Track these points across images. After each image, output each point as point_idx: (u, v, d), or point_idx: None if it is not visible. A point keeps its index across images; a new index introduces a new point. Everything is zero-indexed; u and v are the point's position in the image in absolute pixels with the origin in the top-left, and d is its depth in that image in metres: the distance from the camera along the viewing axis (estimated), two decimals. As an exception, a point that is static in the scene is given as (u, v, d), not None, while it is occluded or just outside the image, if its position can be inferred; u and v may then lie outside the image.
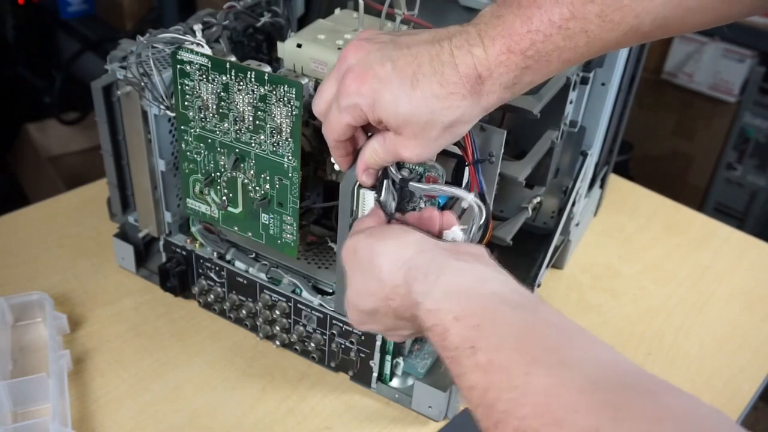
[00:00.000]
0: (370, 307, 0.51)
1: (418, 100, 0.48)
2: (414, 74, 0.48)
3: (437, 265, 0.46)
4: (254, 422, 0.70)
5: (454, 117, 0.49)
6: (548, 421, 0.35)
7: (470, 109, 0.49)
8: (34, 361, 0.73)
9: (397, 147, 0.51)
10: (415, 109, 0.48)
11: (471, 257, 0.47)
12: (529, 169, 0.71)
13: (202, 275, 0.77)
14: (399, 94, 0.48)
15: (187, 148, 0.68)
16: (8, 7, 1.87)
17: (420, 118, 0.49)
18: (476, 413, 0.39)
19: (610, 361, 0.39)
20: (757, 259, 0.97)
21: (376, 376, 0.71)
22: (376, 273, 0.49)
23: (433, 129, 0.49)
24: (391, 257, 0.49)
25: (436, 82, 0.48)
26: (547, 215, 0.85)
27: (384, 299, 0.49)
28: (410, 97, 0.48)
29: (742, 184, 1.84)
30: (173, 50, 0.63)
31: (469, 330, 0.41)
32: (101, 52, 1.79)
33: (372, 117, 0.50)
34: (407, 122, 0.49)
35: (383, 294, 0.49)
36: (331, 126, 0.53)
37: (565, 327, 0.41)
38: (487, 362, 0.39)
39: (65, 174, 1.75)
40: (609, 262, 0.94)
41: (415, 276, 0.46)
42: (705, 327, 0.85)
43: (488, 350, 0.39)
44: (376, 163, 0.54)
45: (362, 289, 0.51)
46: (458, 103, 0.48)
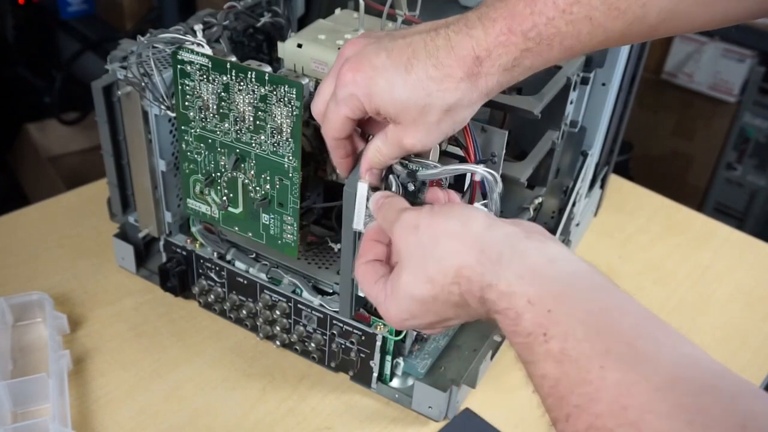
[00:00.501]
0: (426, 295, 0.47)
1: (413, 83, 0.48)
2: (408, 60, 0.48)
3: (509, 245, 0.44)
4: (254, 422, 0.70)
5: (452, 100, 0.48)
6: (623, 421, 0.33)
7: (468, 92, 0.48)
8: (34, 361, 0.73)
9: (399, 137, 0.50)
10: (410, 93, 0.48)
11: (539, 235, 0.46)
12: (530, 169, 0.71)
13: (203, 275, 0.77)
14: (394, 79, 0.48)
15: (187, 148, 0.68)
16: (8, 7, 1.87)
17: (417, 102, 0.48)
18: (546, 403, 0.38)
19: (689, 356, 0.37)
20: (757, 259, 0.97)
21: (376, 376, 0.71)
22: (439, 254, 0.46)
23: (431, 113, 0.49)
24: (460, 237, 0.45)
25: (431, 65, 0.48)
26: (548, 215, 0.85)
27: (447, 285, 0.45)
28: (405, 81, 0.48)
29: (742, 184, 1.84)
30: (173, 50, 0.63)
31: (542, 315, 0.40)
32: (101, 52, 1.79)
33: (369, 107, 0.50)
34: (405, 107, 0.48)
35: (447, 279, 0.45)
36: (330, 122, 0.53)
37: (640, 314, 0.39)
38: (559, 351, 0.38)
39: (65, 174, 1.75)
40: (609, 262, 0.94)
41: (489, 256, 0.44)
42: (705, 327, 0.85)
43: (561, 338, 0.38)
44: (380, 161, 0.54)
45: (420, 274, 0.47)
46: (455, 85, 0.48)
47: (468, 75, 0.48)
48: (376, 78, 0.49)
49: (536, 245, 0.44)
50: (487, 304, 0.43)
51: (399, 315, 0.49)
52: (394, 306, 0.49)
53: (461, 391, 0.71)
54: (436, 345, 0.74)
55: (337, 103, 0.51)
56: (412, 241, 0.48)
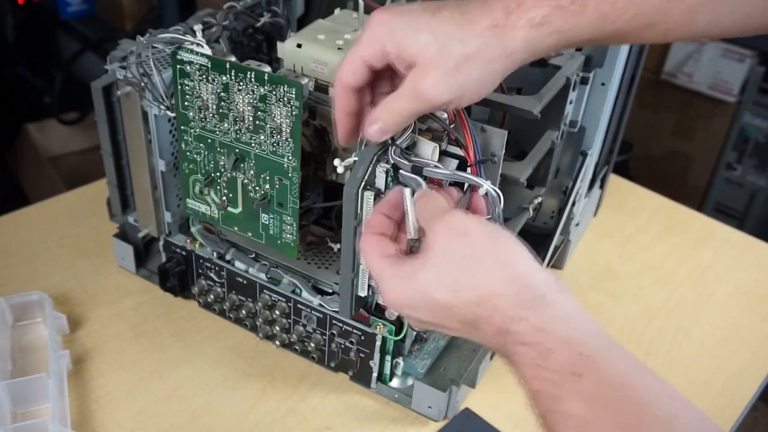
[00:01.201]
0: (442, 300, 0.46)
1: (437, 24, 0.48)
2: (438, 7, 0.48)
3: (549, 290, 0.44)
4: (254, 422, 0.70)
5: (472, 46, 0.47)
6: None
7: (491, 43, 0.47)
8: (33, 361, 0.73)
9: (415, 81, 0.48)
10: (434, 32, 0.47)
11: (566, 290, 0.46)
12: (529, 169, 0.71)
13: (202, 275, 0.77)
14: (420, 19, 0.48)
15: (187, 148, 0.68)
16: (8, 7, 1.87)
17: (437, 42, 0.47)
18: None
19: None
20: (757, 259, 0.97)
21: (375, 376, 0.71)
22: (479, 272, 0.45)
23: (450, 57, 0.47)
24: (505, 267, 0.45)
25: (458, 12, 0.48)
26: (547, 215, 0.85)
27: (470, 304, 0.45)
28: (429, 23, 0.48)
29: (742, 184, 1.83)
30: (173, 50, 0.63)
31: (576, 356, 0.40)
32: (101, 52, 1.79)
33: (389, 47, 0.48)
34: (424, 46, 0.47)
35: (472, 298, 0.45)
36: (345, 64, 0.51)
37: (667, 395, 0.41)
38: (591, 392, 0.39)
39: (65, 174, 1.75)
40: (609, 262, 0.94)
41: (527, 294, 0.44)
42: (705, 327, 0.85)
43: (594, 381, 0.39)
44: (393, 111, 0.51)
45: (448, 280, 0.46)
46: (478, 32, 0.47)
47: (493, 25, 0.47)
48: (402, 17, 0.48)
49: (570, 297, 0.45)
50: (510, 336, 0.43)
51: (400, 300, 0.48)
52: (401, 291, 0.48)
53: (461, 391, 0.71)
54: (435, 345, 0.74)
55: (357, 44, 0.50)
56: (454, 246, 0.46)
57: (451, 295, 0.45)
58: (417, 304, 0.47)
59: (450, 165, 0.60)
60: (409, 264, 0.48)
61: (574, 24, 0.47)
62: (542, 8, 0.46)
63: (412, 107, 0.50)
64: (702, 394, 0.77)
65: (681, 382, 0.78)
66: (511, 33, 0.47)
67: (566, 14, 0.46)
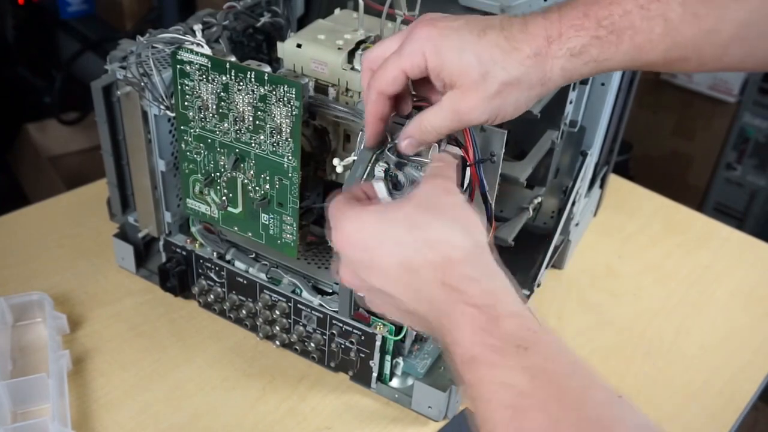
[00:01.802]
0: (401, 238, 0.44)
1: (481, 48, 0.48)
2: (483, 29, 0.49)
3: (502, 270, 0.44)
4: (254, 422, 0.70)
5: (515, 73, 0.48)
6: None
7: (532, 71, 0.49)
8: (33, 361, 0.73)
9: (456, 102, 0.50)
10: (478, 56, 0.48)
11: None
12: (529, 169, 0.71)
13: (202, 275, 0.77)
14: (466, 40, 0.49)
15: (187, 148, 0.68)
16: (8, 7, 1.87)
17: (481, 67, 0.48)
18: (496, 413, 0.37)
19: None
20: (757, 259, 0.97)
21: (375, 376, 0.71)
22: (456, 220, 0.44)
23: (492, 81, 0.48)
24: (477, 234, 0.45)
25: (503, 37, 0.48)
26: (547, 215, 0.85)
27: (425, 242, 0.43)
28: (475, 45, 0.48)
29: (742, 184, 1.83)
30: (173, 50, 0.63)
31: (525, 329, 0.40)
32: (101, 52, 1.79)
33: (433, 63, 0.49)
34: (468, 69, 0.48)
35: (433, 236, 0.43)
36: (385, 73, 0.51)
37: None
38: (535, 366, 0.38)
39: (65, 174, 1.75)
40: (609, 262, 0.94)
41: (482, 258, 0.44)
42: (705, 327, 0.85)
43: (541, 356, 0.38)
44: (427, 130, 0.52)
45: (419, 222, 0.44)
46: (522, 59, 0.48)
47: (535, 53, 0.48)
48: (449, 35, 0.49)
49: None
50: (457, 294, 0.42)
51: (353, 234, 0.45)
52: (359, 224, 0.46)
53: (461, 391, 0.71)
54: (435, 345, 0.74)
55: (399, 55, 0.50)
56: (435, 198, 0.46)
57: (406, 231, 0.44)
58: (371, 243, 0.45)
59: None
60: (386, 205, 0.48)
61: (610, 54, 0.48)
62: (582, 38, 0.48)
63: (449, 126, 0.51)
64: (702, 394, 0.77)
65: (681, 382, 0.78)
66: (551, 62, 0.48)
67: (603, 44, 0.48)
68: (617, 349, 0.81)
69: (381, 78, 0.51)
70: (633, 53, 0.48)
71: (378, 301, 0.48)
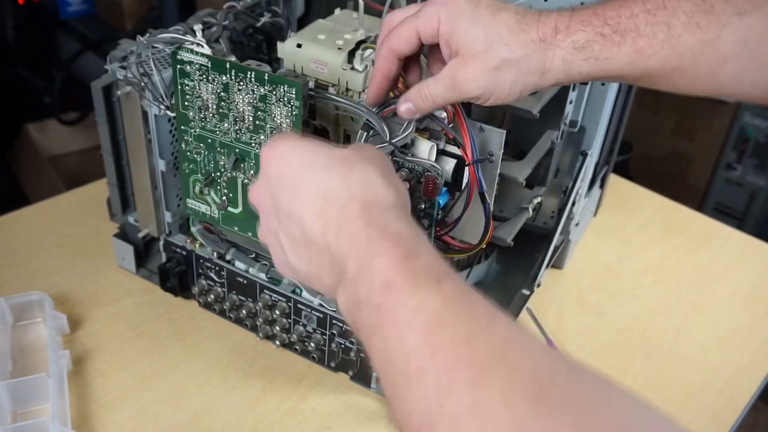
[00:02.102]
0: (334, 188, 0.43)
1: (492, 24, 0.50)
2: (499, 8, 0.51)
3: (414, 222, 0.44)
4: (254, 422, 0.70)
5: (517, 54, 0.50)
6: None
7: (533, 56, 0.50)
8: (34, 361, 0.73)
9: (455, 70, 0.51)
10: (488, 30, 0.50)
11: None
12: (529, 169, 0.71)
13: (202, 275, 0.77)
14: (480, 13, 0.51)
15: (187, 148, 0.68)
16: (8, 7, 1.87)
17: (486, 41, 0.50)
18: (410, 334, 0.36)
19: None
20: (757, 259, 0.97)
21: (375, 376, 0.71)
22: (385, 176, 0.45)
23: (493, 56, 0.50)
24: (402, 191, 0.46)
25: (514, 19, 0.51)
26: (547, 215, 0.85)
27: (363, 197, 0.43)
28: (486, 21, 0.50)
29: (742, 184, 1.83)
30: (173, 50, 0.63)
31: (439, 267, 0.39)
32: (101, 52, 1.79)
33: (445, 28, 0.51)
34: (474, 40, 0.50)
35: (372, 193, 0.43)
36: (399, 31, 0.53)
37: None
38: (450, 291, 0.37)
39: (65, 174, 1.75)
40: (609, 262, 0.94)
41: (402, 201, 0.45)
42: (705, 327, 0.85)
43: (457, 288, 0.38)
44: (424, 98, 0.53)
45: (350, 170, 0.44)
46: (525, 42, 0.50)
47: (541, 39, 0.50)
48: (466, 7, 0.51)
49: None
50: (379, 230, 0.41)
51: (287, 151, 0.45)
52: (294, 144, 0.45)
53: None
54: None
55: (416, 16, 0.52)
56: (382, 159, 0.47)
57: (340, 165, 0.44)
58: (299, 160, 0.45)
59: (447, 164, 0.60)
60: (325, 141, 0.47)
61: (611, 54, 0.50)
62: (587, 33, 0.50)
63: (446, 94, 0.53)
64: (702, 394, 0.77)
65: (681, 381, 0.78)
66: (553, 51, 0.50)
67: (606, 42, 0.50)
68: (617, 349, 0.81)
69: (394, 35, 0.53)
70: (633, 56, 0.49)
71: (275, 227, 0.46)
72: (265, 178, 0.47)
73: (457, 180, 0.61)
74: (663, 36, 0.48)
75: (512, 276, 0.83)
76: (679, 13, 0.48)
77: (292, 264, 0.46)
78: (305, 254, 0.44)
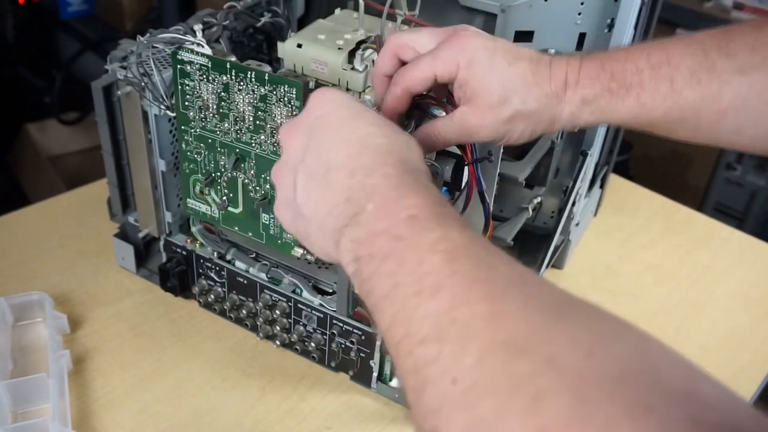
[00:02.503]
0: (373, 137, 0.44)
1: (509, 75, 0.51)
2: (515, 57, 0.51)
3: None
4: (254, 422, 0.70)
5: (531, 107, 0.51)
6: None
7: (544, 110, 0.51)
8: (34, 361, 0.73)
9: (467, 116, 0.52)
10: (503, 81, 0.51)
11: None
12: (529, 169, 0.71)
13: (203, 275, 0.77)
14: (497, 62, 0.51)
15: (187, 148, 0.68)
16: (8, 7, 1.87)
17: (503, 92, 0.51)
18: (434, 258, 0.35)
19: None
20: (757, 259, 0.97)
21: (376, 376, 0.71)
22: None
23: (508, 107, 0.51)
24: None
25: (530, 70, 0.51)
26: (547, 215, 0.85)
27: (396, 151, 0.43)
28: (503, 71, 0.51)
29: (742, 184, 1.83)
30: (173, 50, 0.63)
31: (458, 218, 0.39)
32: (101, 52, 1.79)
33: (462, 74, 0.51)
34: (490, 90, 0.51)
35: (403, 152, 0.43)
36: (416, 71, 0.52)
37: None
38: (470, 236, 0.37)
39: (65, 174, 1.75)
40: (609, 262, 0.94)
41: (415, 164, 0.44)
42: (705, 327, 0.85)
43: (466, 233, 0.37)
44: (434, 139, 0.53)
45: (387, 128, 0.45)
46: (538, 96, 0.51)
47: (553, 93, 0.51)
48: (485, 53, 0.51)
49: None
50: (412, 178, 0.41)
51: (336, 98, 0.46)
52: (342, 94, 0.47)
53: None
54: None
55: (434, 58, 0.52)
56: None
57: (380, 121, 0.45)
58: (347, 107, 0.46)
59: (447, 163, 0.60)
60: None
61: (616, 107, 0.51)
62: (595, 88, 0.51)
63: (457, 138, 0.54)
64: (702, 394, 0.77)
65: (681, 381, 0.78)
66: (562, 106, 0.51)
67: (613, 97, 0.51)
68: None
69: (412, 76, 0.52)
70: (636, 109, 0.51)
71: (295, 162, 0.46)
72: (306, 116, 0.46)
73: (457, 179, 0.61)
74: (666, 90, 0.50)
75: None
76: (682, 69, 0.49)
77: (297, 203, 0.45)
78: (319, 192, 0.44)
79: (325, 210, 0.43)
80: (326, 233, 0.43)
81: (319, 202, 0.43)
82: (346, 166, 0.42)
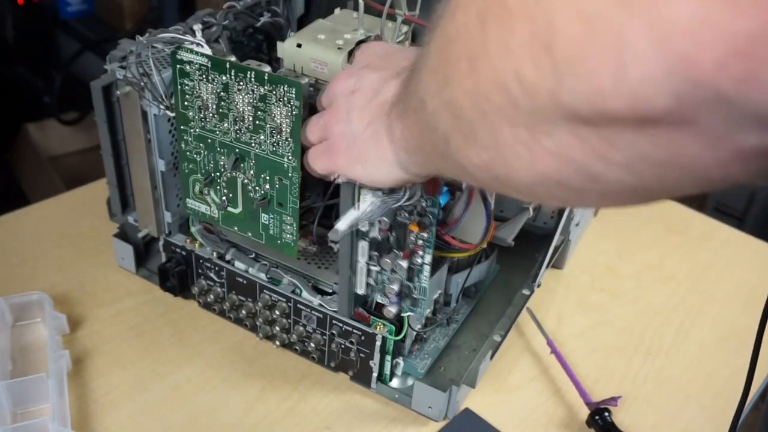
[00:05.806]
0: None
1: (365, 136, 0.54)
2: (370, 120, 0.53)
3: None
4: (254, 422, 0.70)
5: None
6: None
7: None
8: (33, 361, 0.73)
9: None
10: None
11: None
12: (529, 169, 0.71)
13: (202, 275, 0.77)
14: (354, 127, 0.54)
15: (186, 148, 0.68)
16: (8, 7, 1.87)
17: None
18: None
19: None
20: (757, 259, 0.97)
21: (376, 376, 0.71)
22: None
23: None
24: None
25: (384, 123, 0.52)
26: (547, 215, 0.85)
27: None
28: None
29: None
30: (173, 50, 0.63)
31: None
32: (101, 52, 1.79)
33: None
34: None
35: None
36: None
37: None
38: None
39: (65, 174, 1.75)
40: (609, 262, 0.94)
41: None
42: (705, 327, 0.85)
43: None
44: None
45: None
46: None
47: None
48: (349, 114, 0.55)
49: None
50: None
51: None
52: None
53: (461, 391, 0.71)
54: (435, 345, 0.74)
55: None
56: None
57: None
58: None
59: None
60: None
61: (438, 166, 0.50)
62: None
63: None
64: (702, 394, 0.77)
65: (681, 382, 0.78)
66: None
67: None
68: (617, 349, 0.81)
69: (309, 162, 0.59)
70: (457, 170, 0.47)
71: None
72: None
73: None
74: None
75: (512, 276, 0.83)
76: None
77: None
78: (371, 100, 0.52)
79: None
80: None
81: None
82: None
